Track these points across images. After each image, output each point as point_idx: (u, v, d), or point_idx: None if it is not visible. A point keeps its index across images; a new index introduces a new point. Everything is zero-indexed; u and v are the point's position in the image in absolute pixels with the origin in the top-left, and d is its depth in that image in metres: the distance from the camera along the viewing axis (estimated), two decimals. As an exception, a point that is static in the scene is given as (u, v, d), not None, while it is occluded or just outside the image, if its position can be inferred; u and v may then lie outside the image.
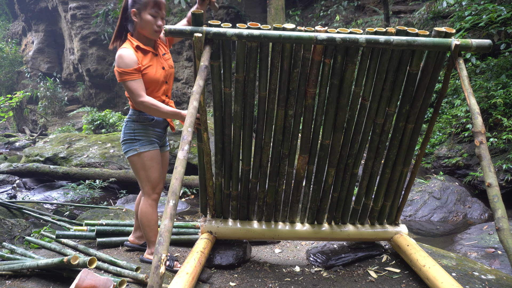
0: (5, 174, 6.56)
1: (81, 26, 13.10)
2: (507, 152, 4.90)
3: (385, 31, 1.87)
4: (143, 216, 2.27)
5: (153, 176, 2.25)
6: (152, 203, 2.29)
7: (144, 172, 2.24)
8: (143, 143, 2.23)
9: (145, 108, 2.11)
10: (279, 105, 2.07)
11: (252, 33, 1.80)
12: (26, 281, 2.11)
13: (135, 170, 2.25)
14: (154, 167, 2.25)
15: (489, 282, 2.14)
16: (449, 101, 6.35)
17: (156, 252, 1.39)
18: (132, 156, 2.22)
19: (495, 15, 5.30)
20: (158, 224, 2.35)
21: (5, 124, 17.63)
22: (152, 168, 2.24)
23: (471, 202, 4.69)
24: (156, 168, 2.26)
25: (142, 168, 2.23)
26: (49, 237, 2.82)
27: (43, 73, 15.66)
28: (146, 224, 2.28)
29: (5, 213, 3.96)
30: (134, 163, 2.24)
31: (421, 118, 2.16)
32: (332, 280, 2.23)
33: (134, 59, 2.08)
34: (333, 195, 2.41)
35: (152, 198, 2.28)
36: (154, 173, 2.25)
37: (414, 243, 2.31)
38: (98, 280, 1.88)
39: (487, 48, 1.88)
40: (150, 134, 2.27)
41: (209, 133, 2.38)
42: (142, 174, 2.24)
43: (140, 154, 2.22)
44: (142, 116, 2.24)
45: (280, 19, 7.78)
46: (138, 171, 2.24)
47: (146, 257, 2.37)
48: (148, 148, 2.23)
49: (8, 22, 18.50)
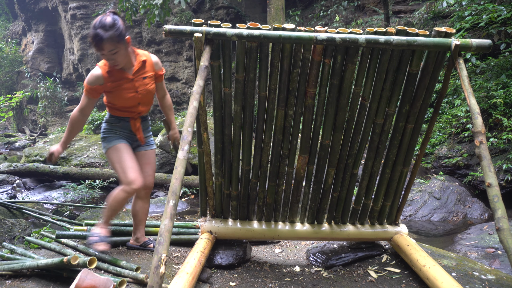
0: (5, 174, 6.56)
1: (81, 26, 13.10)
2: (507, 152, 4.90)
3: (385, 31, 1.87)
4: (111, 198, 2.36)
5: (122, 167, 2.32)
6: (124, 195, 2.32)
7: (117, 165, 2.35)
8: (111, 139, 2.39)
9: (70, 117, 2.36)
10: (279, 105, 2.07)
11: (252, 33, 1.80)
12: (26, 281, 2.11)
13: (111, 165, 2.42)
14: (124, 157, 2.34)
15: (489, 282, 2.14)
16: (449, 101, 6.35)
17: (156, 252, 1.39)
18: (105, 153, 2.41)
19: (495, 15, 5.30)
20: (116, 212, 2.44)
21: (5, 124, 17.63)
22: (120, 160, 2.34)
23: (471, 202, 4.69)
24: (127, 158, 2.34)
25: (113, 161, 2.37)
26: (49, 237, 2.82)
27: (43, 73, 15.65)
28: (108, 205, 2.38)
29: (5, 213, 3.97)
30: (108, 159, 2.42)
31: (421, 118, 2.16)
32: (332, 280, 2.23)
33: (97, 79, 2.25)
34: (333, 195, 2.41)
35: (126, 190, 2.31)
36: (124, 163, 2.32)
37: (414, 243, 2.31)
38: (98, 280, 1.88)
39: (487, 48, 1.88)
40: (118, 133, 2.41)
41: (209, 133, 2.38)
42: (116, 167, 2.36)
43: (109, 149, 2.38)
44: (111, 118, 2.42)
45: (280, 19, 7.77)
46: (113, 165, 2.39)
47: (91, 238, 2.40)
48: (114, 143, 2.37)
49: (8, 22, 18.50)
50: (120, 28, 2.13)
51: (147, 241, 2.57)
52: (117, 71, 2.26)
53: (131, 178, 2.30)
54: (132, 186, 2.30)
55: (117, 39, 2.12)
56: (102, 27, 2.09)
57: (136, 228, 2.56)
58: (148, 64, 2.37)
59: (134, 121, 2.42)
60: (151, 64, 2.38)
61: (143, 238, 2.57)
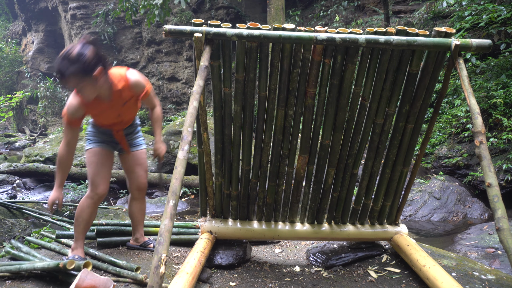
0: (5, 174, 6.56)
1: (81, 26, 13.10)
2: (507, 152, 4.90)
3: (385, 31, 1.87)
4: (78, 208, 2.30)
5: (92, 171, 2.29)
6: (88, 201, 2.27)
7: (88, 168, 2.31)
8: (90, 141, 2.37)
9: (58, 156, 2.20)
10: (279, 105, 2.07)
11: (252, 33, 1.80)
12: (26, 282, 2.11)
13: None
14: (95, 162, 2.30)
15: (489, 282, 2.14)
16: (449, 101, 6.35)
17: (156, 252, 1.39)
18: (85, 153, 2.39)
19: (495, 15, 5.30)
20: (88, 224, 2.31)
21: (5, 124, 17.63)
22: (92, 164, 2.30)
23: (471, 202, 4.69)
24: (98, 163, 2.29)
25: (87, 163, 2.34)
26: (49, 237, 2.82)
27: (43, 73, 15.65)
28: (75, 218, 2.29)
29: (5, 213, 3.97)
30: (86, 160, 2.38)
31: (421, 118, 2.16)
32: (332, 280, 2.23)
33: (77, 111, 2.12)
34: (333, 195, 2.41)
35: (90, 196, 2.28)
36: (94, 168, 2.28)
37: (414, 243, 2.31)
38: (98, 280, 1.88)
39: (487, 48, 1.88)
40: (100, 137, 2.37)
41: (209, 133, 2.38)
42: (88, 170, 2.32)
43: (87, 151, 2.36)
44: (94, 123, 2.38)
45: (280, 19, 7.77)
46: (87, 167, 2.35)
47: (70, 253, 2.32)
48: (92, 146, 2.34)
49: (8, 22, 18.49)
50: (87, 62, 1.92)
51: (147, 241, 2.57)
52: (93, 101, 2.12)
53: (96, 183, 2.26)
54: (95, 191, 2.27)
55: (81, 75, 1.92)
56: (66, 60, 1.90)
57: (135, 229, 2.56)
58: (126, 91, 2.18)
59: (117, 132, 2.36)
60: (129, 89, 2.18)
61: (142, 238, 2.57)
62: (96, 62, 1.97)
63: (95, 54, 1.97)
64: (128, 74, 2.18)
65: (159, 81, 12.86)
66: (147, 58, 12.88)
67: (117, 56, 13.18)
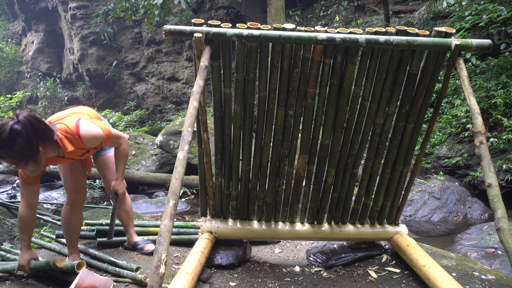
0: (5, 174, 6.56)
1: (81, 26, 13.10)
2: (507, 152, 4.90)
3: (385, 31, 1.87)
4: (61, 218, 2.33)
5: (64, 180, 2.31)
6: (68, 208, 2.31)
7: (61, 176, 2.35)
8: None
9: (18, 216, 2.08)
10: (279, 105, 2.07)
11: (252, 33, 1.80)
12: (26, 281, 2.11)
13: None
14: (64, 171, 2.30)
15: (489, 282, 2.14)
16: (449, 101, 6.35)
17: (156, 252, 1.39)
18: None
19: (495, 15, 5.30)
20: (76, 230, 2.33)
21: (5, 124, 17.59)
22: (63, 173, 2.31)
23: (471, 202, 4.69)
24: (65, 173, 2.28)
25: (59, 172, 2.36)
26: (49, 237, 2.82)
27: (43, 73, 15.65)
28: (62, 227, 2.34)
29: (5, 213, 3.96)
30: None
31: (421, 118, 2.16)
32: (332, 280, 2.23)
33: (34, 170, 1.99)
34: (333, 195, 2.41)
35: (68, 203, 2.32)
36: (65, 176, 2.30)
37: (414, 243, 2.31)
38: (98, 280, 1.88)
39: (487, 48, 1.88)
40: None
41: (209, 133, 2.38)
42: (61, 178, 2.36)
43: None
44: None
45: (280, 19, 7.77)
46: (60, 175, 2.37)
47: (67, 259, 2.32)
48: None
49: (8, 22, 18.49)
50: (19, 144, 1.69)
51: (137, 241, 2.56)
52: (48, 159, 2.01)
53: (69, 191, 2.30)
54: (71, 198, 2.30)
55: (16, 158, 1.73)
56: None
57: (125, 230, 2.61)
58: (80, 149, 2.03)
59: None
60: (83, 146, 2.01)
61: (132, 239, 2.59)
62: (33, 143, 1.75)
63: (33, 129, 1.76)
64: (80, 131, 1.96)
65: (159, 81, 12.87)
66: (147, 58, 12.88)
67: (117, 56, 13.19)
